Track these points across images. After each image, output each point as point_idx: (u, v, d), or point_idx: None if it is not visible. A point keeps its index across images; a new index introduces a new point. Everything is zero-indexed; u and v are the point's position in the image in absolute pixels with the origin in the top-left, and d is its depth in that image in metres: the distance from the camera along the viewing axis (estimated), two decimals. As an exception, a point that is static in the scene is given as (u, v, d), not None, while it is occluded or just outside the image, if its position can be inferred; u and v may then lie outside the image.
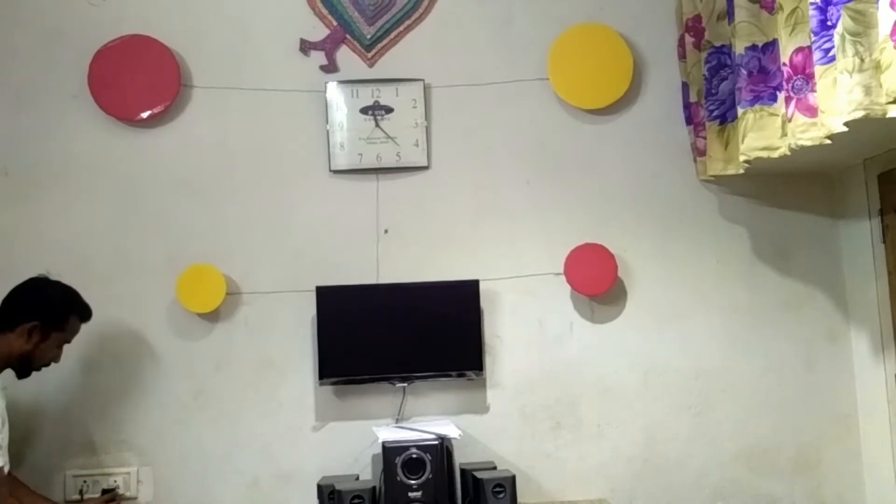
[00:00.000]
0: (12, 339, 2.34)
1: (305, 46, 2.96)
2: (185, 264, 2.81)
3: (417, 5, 2.99)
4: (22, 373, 2.42)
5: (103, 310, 2.79)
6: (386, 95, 2.93)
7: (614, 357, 2.89)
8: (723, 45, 2.68)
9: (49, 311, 2.39)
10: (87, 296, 2.69)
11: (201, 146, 2.92)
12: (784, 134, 2.37)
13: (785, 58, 2.26)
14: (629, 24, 2.97)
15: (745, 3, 2.44)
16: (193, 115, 2.92)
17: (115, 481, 2.74)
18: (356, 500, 2.50)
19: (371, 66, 2.97)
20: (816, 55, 2.06)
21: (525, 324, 2.89)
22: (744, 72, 2.45)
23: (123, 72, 2.84)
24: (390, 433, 2.64)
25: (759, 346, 2.91)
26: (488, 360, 2.87)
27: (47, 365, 2.47)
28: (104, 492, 2.73)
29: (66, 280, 2.74)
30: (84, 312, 2.50)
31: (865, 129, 2.03)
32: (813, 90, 2.15)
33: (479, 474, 2.58)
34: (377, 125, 2.92)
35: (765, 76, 2.43)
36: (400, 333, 2.81)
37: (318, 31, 2.97)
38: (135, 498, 2.77)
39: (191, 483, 2.80)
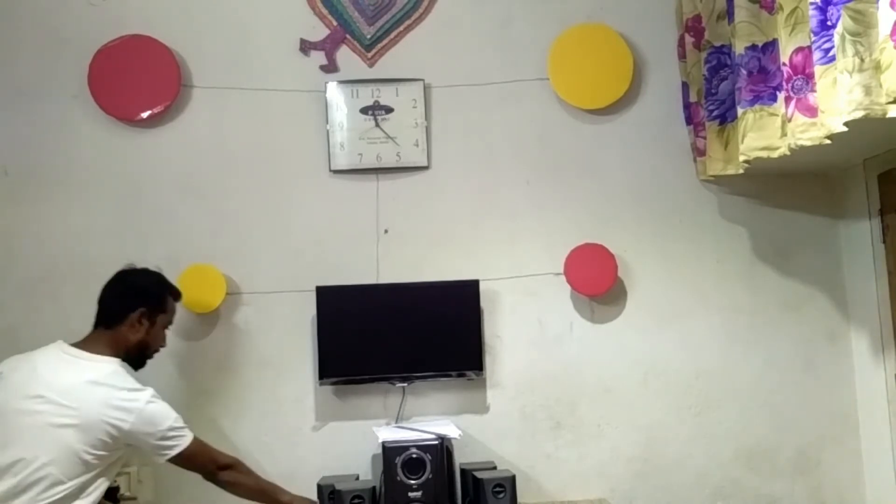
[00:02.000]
0: (125, 331, 2.39)
1: (305, 46, 2.96)
2: (185, 264, 2.81)
3: (417, 5, 2.99)
4: (138, 363, 2.46)
5: (103, 310, 2.81)
6: (386, 95, 2.93)
7: (614, 357, 2.89)
8: (723, 45, 2.68)
9: (149, 295, 2.45)
10: (87, 296, 2.68)
11: (201, 146, 2.92)
12: (784, 134, 2.37)
13: (785, 58, 2.26)
14: (629, 24, 2.97)
15: (745, 3, 2.44)
16: (193, 115, 2.92)
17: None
18: (356, 500, 2.51)
19: (371, 66, 2.97)
20: (816, 55, 2.06)
21: (525, 324, 2.89)
22: (744, 72, 2.45)
23: (123, 72, 2.85)
24: (390, 433, 2.64)
25: (759, 346, 2.91)
26: (488, 360, 2.87)
27: (157, 351, 2.51)
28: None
29: (66, 280, 2.75)
30: (175, 291, 2.55)
31: (865, 129, 2.03)
32: (813, 90, 2.15)
33: (479, 474, 2.58)
34: (377, 125, 2.92)
35: (765, 76, 2.43)
36: (400, 333, 2.81)
37: (318, 31, 2.97)
38: (135, 498, 2.76)
39: (191, 483, 2.78)
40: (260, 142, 2.92)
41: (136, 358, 2.44)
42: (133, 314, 2.40)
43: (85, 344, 2.36)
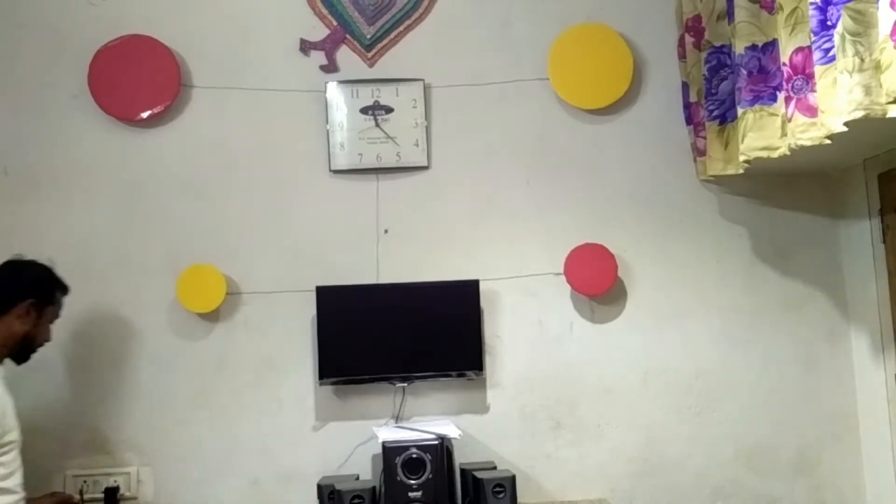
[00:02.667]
0: (10, 321, 2.34)
1: (305, 46, 2.96)
2: (185, 264, 2.81)
3: (417, 5, 2.99)
4: (22, 357, 2.41)
5: (103, 310, 2.81)
6: (386, 95, 2.93)
7: (614, 357, 2.89)
8: (723, 45, 2.68)
9: (39, 286, 2.41)
10: (86, 296, 2.73)
11: (201, 146, 2.92)
12: (784, 134, 2.37)
13: (785, 58, 2.26)
14: (629, 24, 2.97)
15: (745, 3, 2.44)
16: (193, 115, 2.92)
17: (116, 481, 2.74)
18: (356, 500, 2.50)
19: (371, 66, 2.98)
20: (816, 55, 2.06)
21: (525, 324, 2.89)
22: (744, 72, 2.45)
23: (123, 72, 2.85)
24: (390, 433, 2.64)
25: (759, 346, 2.91)
26: (488, 360, 2.87)
27: (42, 345, 2.46)
28: (107, 491, 2.72)
29: (66, 280, 2.74)
30: (64, 286, 2.52)
31: (865, 129, 2.03)
32: (813, 90, 2.15)
33: (479, 474, 2.58)
34: (377, 125, 2.92)
35: (765, 76, 2.43)
36: (400, 333, 2.81)
37: (318, 31, 2.97)
38: (135, 498, 2.77)
39: (191, 483, 2.80)
40: (260, 142, 2.92)
41: (19, 351, 2.39)
42: (22, 304, 2.34)
43: None
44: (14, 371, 2.68)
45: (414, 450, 2.54)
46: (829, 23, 2.00)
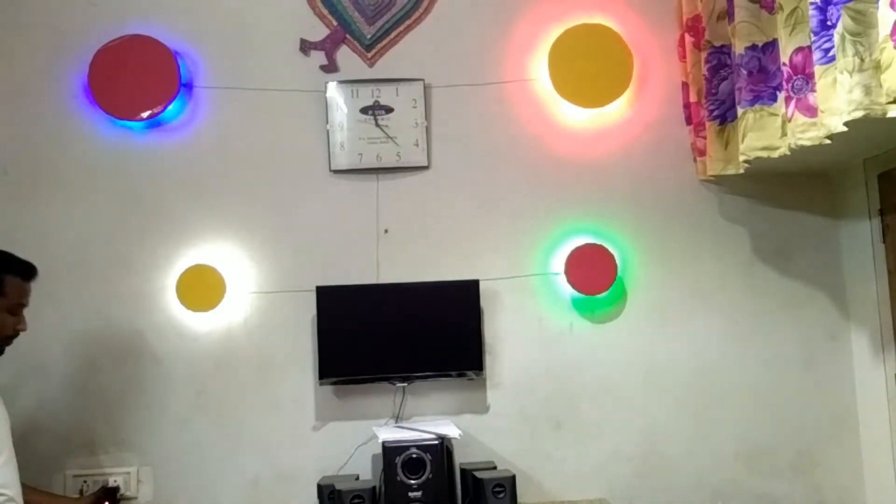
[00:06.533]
0: None
1: (305, 46, 2.96)
2: (185, 264, 2.82)
3: (417, 5, 2.99)
4: None
5: (103, 310, 2.81)
6: (386, 95, 2.93)
7: (614, 357, 2.89)
8: (723, 45, 2.69)
9: None
10: (86, 296, 2.72)
11: (201, 146, 2.92)
12: (784, 134, 2.38)
13: (785, 58, 2.26)
14: (629, 24, 2.97)
15: (745, 3, 2.44)
16: (193, 115, 2.92)
17: (115, 481, 2.74)
18: (356, 500, 2.50)
19: (371, 65, 2.97)
20: (816, 55, 2.07)
21: (525, 324, 2.89)
22: (744, 72, 2.45)
23: (123, 72, 2.84)
24: (390, 433, 2.64)
25: (759, 346, 2.91)
26: (488, 360, 2.87)
27: (10, 336, 2.24)
28: (106, 491, 2.71)
29: (66, 280, 2.75)
30: (23, 270, 2.25)
31: (865, 129, 2.04)
32: (813, 90, 2.16)
33: (479, 474, 2.58)
34: (377, 125, 2.92)
35: (765, 76, 2.44)
36: (400, 333, 2.81)
37: (318, 31, 2.97)
38: (135, 498, 2.77)
39: (191, 483, 2.80)
40: (260, 142, 2.92)
41: None
42: None
43: None
44: (14, 372, 2.69)
45: (414, 450, 2.54)
46: (829, 23, 2.00)
